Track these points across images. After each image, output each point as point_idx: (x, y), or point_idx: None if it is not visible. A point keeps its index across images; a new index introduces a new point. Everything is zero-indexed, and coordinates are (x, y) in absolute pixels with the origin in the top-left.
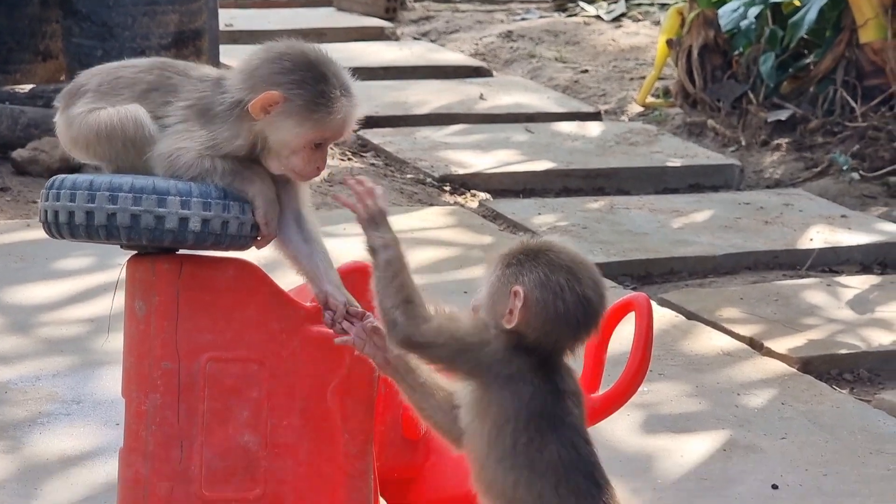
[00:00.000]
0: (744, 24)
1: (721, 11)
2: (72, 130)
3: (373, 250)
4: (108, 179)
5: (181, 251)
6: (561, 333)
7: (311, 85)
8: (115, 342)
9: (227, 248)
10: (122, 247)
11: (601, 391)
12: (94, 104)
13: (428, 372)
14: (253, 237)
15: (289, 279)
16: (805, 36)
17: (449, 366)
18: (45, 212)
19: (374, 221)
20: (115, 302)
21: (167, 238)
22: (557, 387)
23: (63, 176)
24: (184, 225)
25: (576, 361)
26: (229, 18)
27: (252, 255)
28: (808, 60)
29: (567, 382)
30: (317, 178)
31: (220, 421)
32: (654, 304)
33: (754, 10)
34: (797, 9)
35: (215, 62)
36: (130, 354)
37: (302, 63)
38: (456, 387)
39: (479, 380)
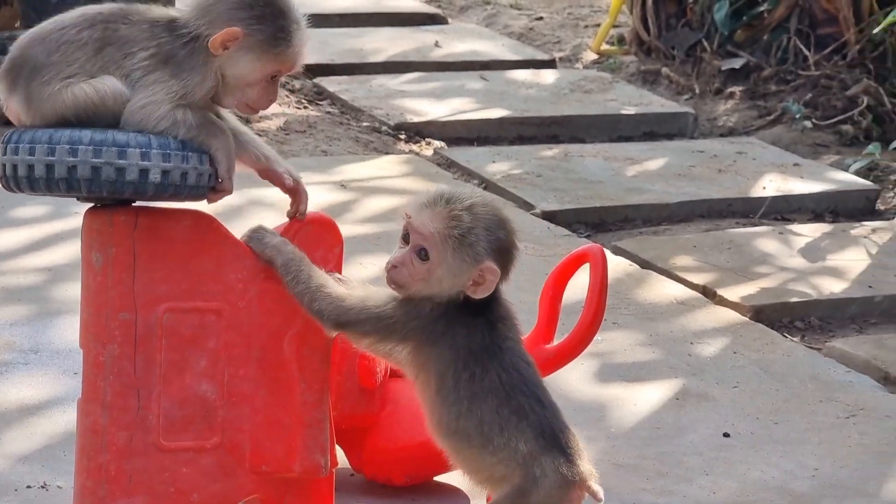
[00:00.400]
0: None
1: None
2: (42, 108)
3: (270, 260)
4: (67, 133)
5: (137, 203)
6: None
7: (271, 20)
8: (73, 291)
9: (185, 199)
10: (79, 199)
11: (556, 341)
12: (58, 77)
13: None
14: (210, 187)
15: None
16: None
17: (381, 339)
18: (3, 165)
19: (255, 236)
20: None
21: (128, 190)
22: (489, 318)
23: (21, 129)
24: (144, 176)
25: (532, 313)
26: None
27: (208, 205)
28: (761, 9)
29: (496, 310)
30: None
31: (178, 371)
32: (608, 252)
33: None
34: None
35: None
36: (88, 306)
37: None
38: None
39: (412, 343)
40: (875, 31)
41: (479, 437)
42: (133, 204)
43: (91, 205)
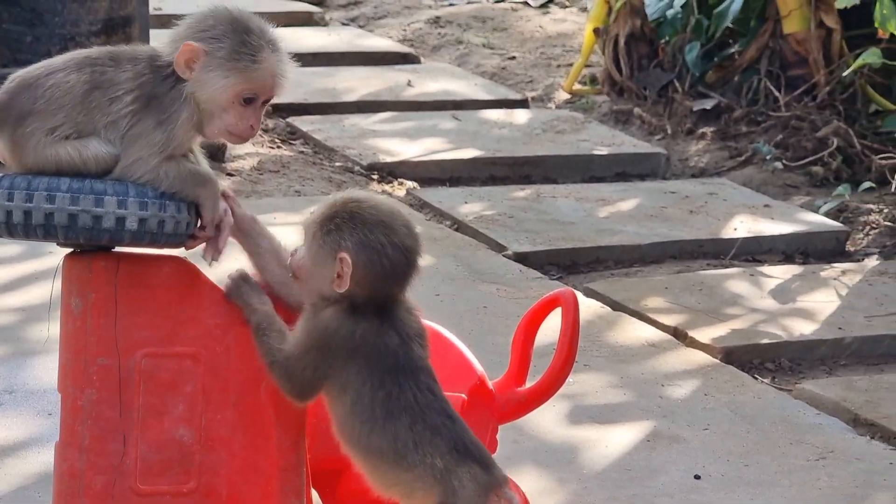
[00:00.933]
0: (670, 13)
1: (648, 0)
2: (25, 158)
3: (245, 315)
4: (45, 180)
5: (117, 249)
6: (390, 285)
7: (232, 36)
8: (46, 331)
9: (163, 247)
10: (58, 244)
11: (528, 385)
12: (43, 129)
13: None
14: (188, 235)
15: (222, 274)
16: (730, 25)
17: (323, 369)
18: None
19: (234, 288)
20: (51, 294)
21: (104, 237)
22: (402, 336)
23: (0, 175)
24: (120, 224)
25: (504, 356)
26: (158, 2)
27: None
28: (732, 50)
29: (408, 326)
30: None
31: (156, 415)
32: (579, 294)
33: (680, 0)
34: None
35: None
36: (66, 350)
37: (223, 17)
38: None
39: (336, 366)
40: (845, 73)
41: (394, 454)
42: (113, 249)
43: (70, 250)
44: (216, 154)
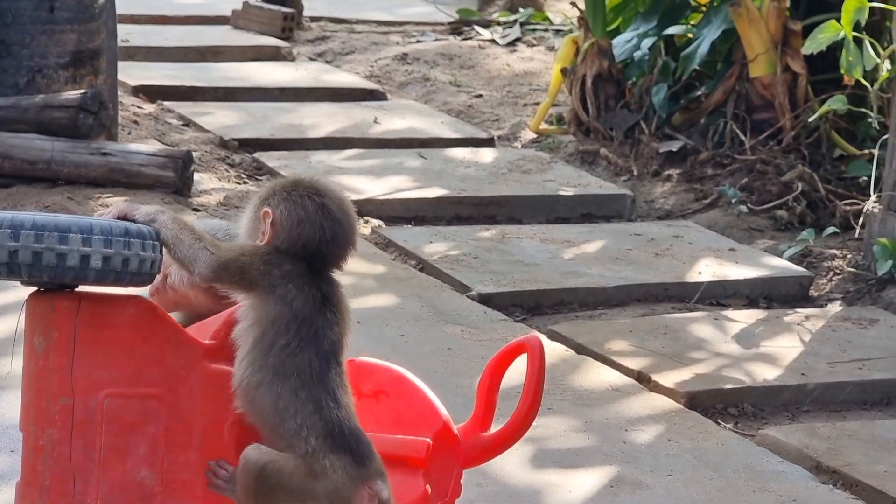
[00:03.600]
0: (637, 54)
1: (615, 42)
2: None
3: (153, 220)
4: (10, 216)
5: (81, 288)
6: (307, 236)
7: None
8: (6, 367)
9: (127, 285)
10: (22, 283)
11: (493, 430)
12: None
13: None
14: (153, 274)
15: None
16: (697, 68)
17: (240, 284)
18: None
19: (131, 209)
20: (16, 329)
21: (68, 275)
22: (323, 293)
23: None
24: (85, 262)
25: (468, 398)
26: (125, 34)
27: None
28: (699, 92)
29: (333, 292)
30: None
31: (118, 456)
32: (543, 336)
33: (648, 42)
34: (690, 41)
35: (113, 82)
36: (29, 389)
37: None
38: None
39: (257, 290)
40: (811, 118)
41: (273, 416)
42: (77, 289)
43: (35, 288)
44: (182, 189)
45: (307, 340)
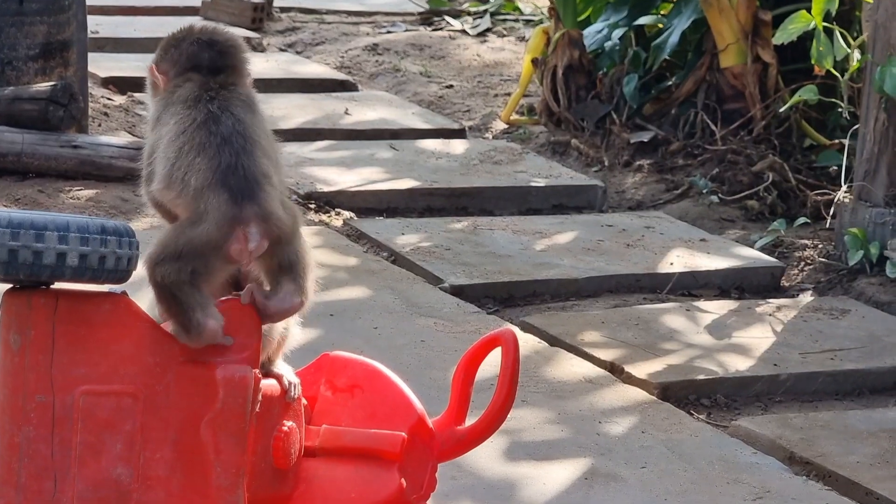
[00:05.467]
0: (608, 45)
1: (586, 32)
2: None
3: None
4: None
5: (57, 285)
6: (186, 52)
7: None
8: None
9: (104, 282)
10: None
11: (467, 423)
12: None
13: None
14: (129, 271)
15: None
16: (668, 58)
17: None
18: None
19: None
20: None
21: (44, 273)
22: (220, 99)
23: None
24: (62, 260)
25: (442, 390)
26: (94, 25)
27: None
28: (670, 83)
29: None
30: None
31: (94, 454)
32: (516, 328)
33: (618, 32)
34: (660, 31)
35: (83, 74)
36: (4, 387)
37: None
38: None
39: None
40: (781, 109)
41: (167, 178)
42: (52, 286)
43: (10, 286)
44: None
45: (199, 104)
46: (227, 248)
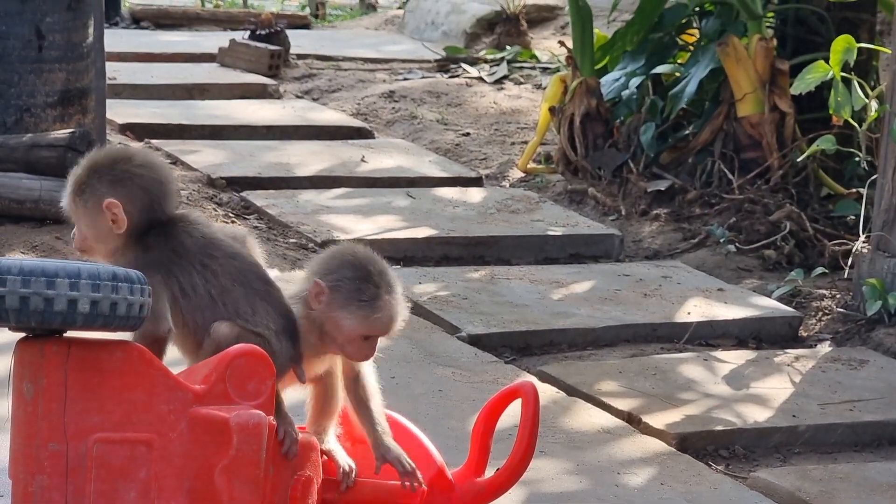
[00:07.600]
0: (625, 93)
1: (603, 80)
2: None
3: None
4: None
5: (69, 333)
6: (157, 202)
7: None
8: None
9: (115, 329)
10: (10, 329)
11: (487, 474)
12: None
13: None
14: (141, 318)
15: (174, 357)
16: (685, 107)
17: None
18: None
19: None
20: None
21: (56, 320)
22: (193, 231)
23: None
24: (73, 306)
25: (460, 440)
26: (112, 72)
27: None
28: (687, 132)
29: (196, 226)
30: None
31: (108, 502)
32: (533, 377)
33: (636, 81)
34: (677, 80)
35: (102, 121)
36: (18, 436)
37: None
38: None
39: (159, 283)
40: (799, 158)
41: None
42: (65, 334)
43: (22, 335)
44: None
45: (212, 260)
46: None
